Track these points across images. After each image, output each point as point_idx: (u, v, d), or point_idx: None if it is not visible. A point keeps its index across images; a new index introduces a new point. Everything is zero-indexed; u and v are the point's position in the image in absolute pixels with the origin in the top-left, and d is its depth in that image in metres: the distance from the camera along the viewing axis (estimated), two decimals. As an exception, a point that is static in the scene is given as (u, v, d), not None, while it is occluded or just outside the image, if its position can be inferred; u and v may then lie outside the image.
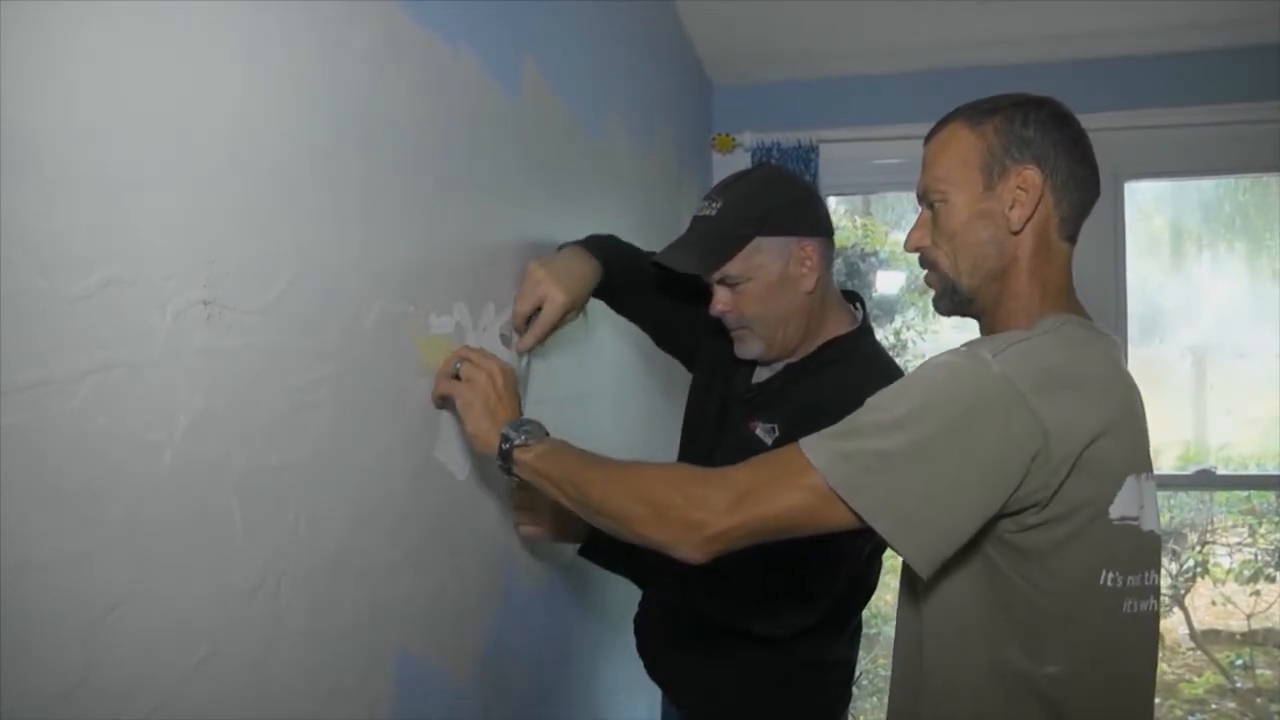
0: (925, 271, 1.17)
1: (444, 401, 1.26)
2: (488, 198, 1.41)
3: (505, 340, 1.48)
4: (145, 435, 0.77)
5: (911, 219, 1.18)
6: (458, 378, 1.24)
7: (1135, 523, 1.02)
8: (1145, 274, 4.57)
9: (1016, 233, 1.08)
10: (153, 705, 0.77)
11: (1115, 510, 1.00)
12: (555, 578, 1.71)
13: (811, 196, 1.55)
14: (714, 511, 1.02)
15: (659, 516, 1.05)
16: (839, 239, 4.68)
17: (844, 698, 1.65)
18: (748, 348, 1.52)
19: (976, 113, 1.11)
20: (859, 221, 4.71)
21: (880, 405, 1.02)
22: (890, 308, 4.68)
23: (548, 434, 1.21)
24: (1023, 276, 1.09)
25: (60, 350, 0.69)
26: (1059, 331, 1.03)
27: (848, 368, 1.48)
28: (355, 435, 1.06)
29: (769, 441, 1.48)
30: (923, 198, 1.14)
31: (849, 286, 1.89)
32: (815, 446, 1.01)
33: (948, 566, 1.00)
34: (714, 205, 1.47)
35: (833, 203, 3.85)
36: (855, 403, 1.39)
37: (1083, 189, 1.11)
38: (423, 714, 1.19)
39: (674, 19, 2.79)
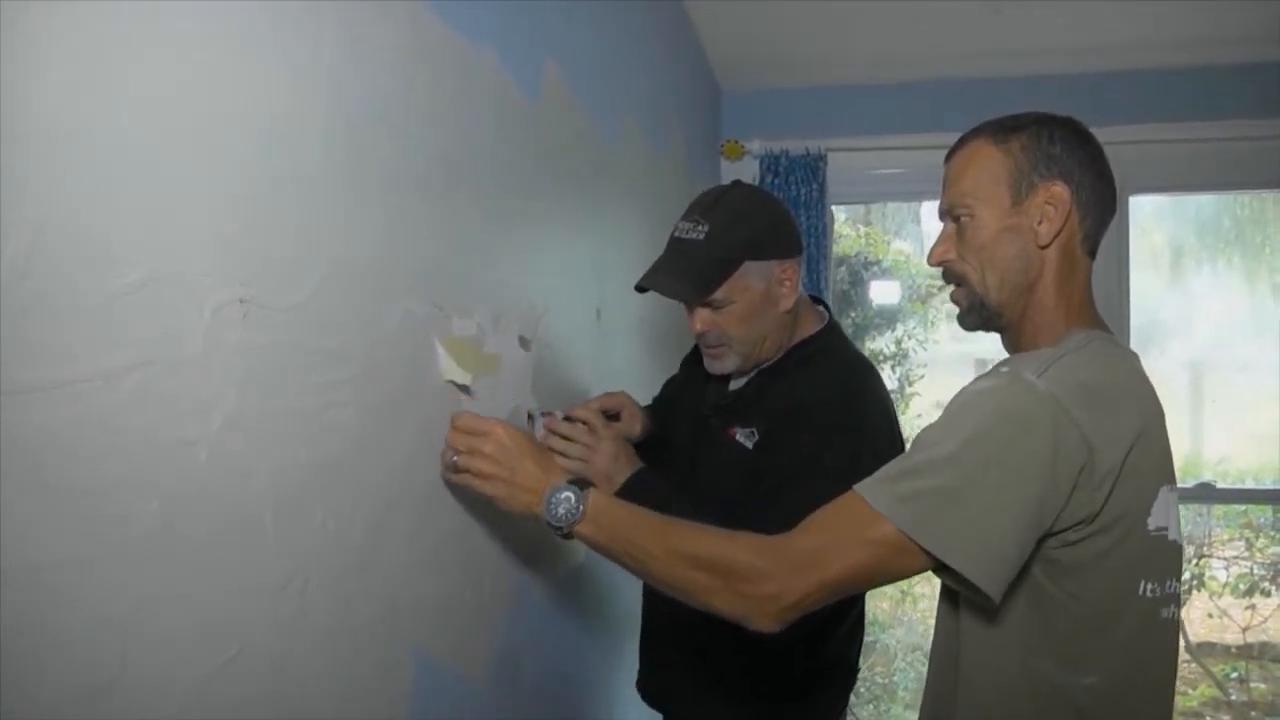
0: (951, 287, 1.17)
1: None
2: (508, 200, 1.41)
3: (523, 343, 1.48)
4: (182, 432, 0.77)
5: (910, 228, 1.19)
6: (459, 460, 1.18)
7: (1165, 533, 1.03)
8: (1143, 288, 4.59)
9: (1044, 247, 1.09)
10: (183, 702, 0.77)
11: (1152, 521, 1.01)
12: (567, 581, 1.71)
13: (788, 217, 1.58)
14: (785, 583, 1.01)
15: (730, 590, 1.04)
16: (843, 247, 4.71)
17: (843, 698, 1.66)
18: (724, 363, 1.55)
19: (1000, 130, 1.12)
20: (861, 230, 4.73)
21: (932, 441, 1.02)
22: (891, 316, 4.69)
23: (581, 489, 1.14)
24: (1049, 291, 1.10)
25: (103, 346, 0.69)
26: (1088, 348, 1.05)
27: (818, 365, 1.52)
28: (379, 435, 1.07)
29: (749, 445, 1.50)
30: (947, 213, 1.15)
31: (852, 294, 1.92)
32: (876, 493, 1.00)
33: None
34: (700, 229, 1.47)
35: (835, 212, 3.85)
36: (828, 397, 1.42)
37: (1104, 205, 1.12)
38: (439, 713, 1.19)
39: (686, 23, 2.80)
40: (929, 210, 5.82)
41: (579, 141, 1.76)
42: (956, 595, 1.09)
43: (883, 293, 4.72)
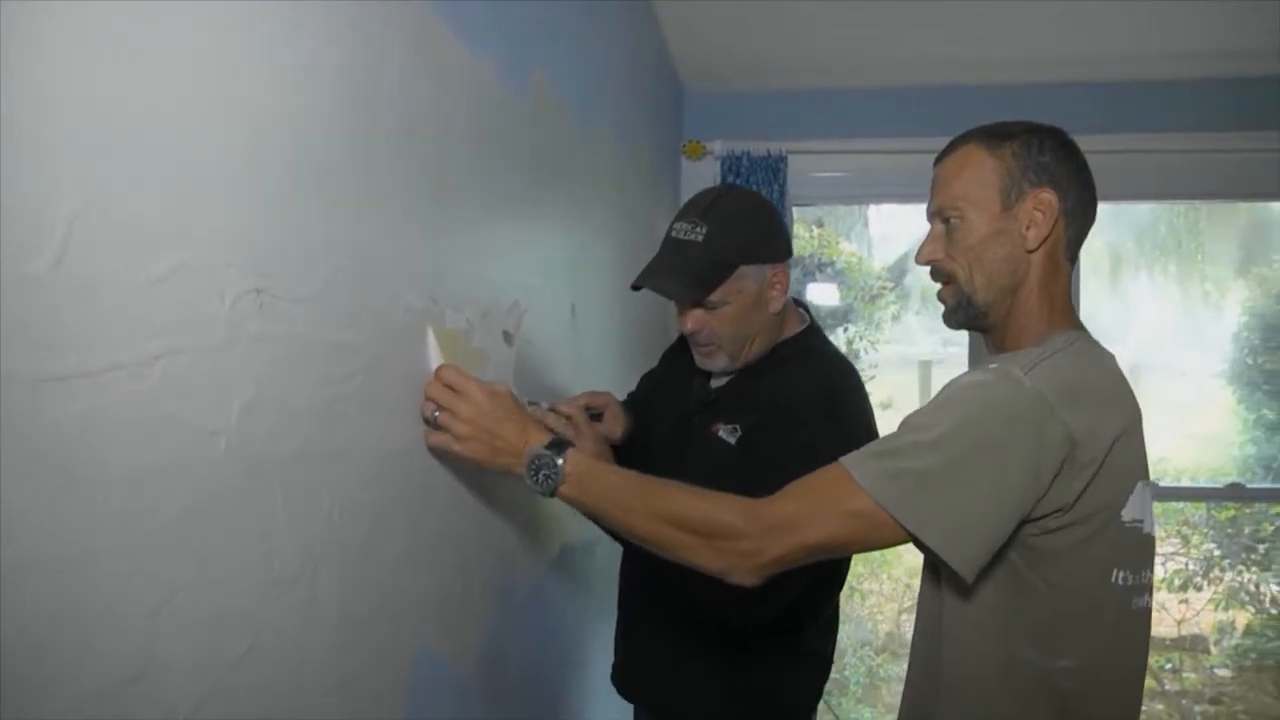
0: (939, 286, 1.21)
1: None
2: (498, 199, 1.42)
3: (507, 339, 1.48)
4: (205, 422, 0.76)
5: (859, 230, 1.23)
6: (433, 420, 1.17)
7: (1140, 525, 1.08)
8: (1085, 292, 4.75)
9: (1031, 251, 1.13)
10: (205, 694, 0.77)
11: (1127, 513, 1.06)
12: (547, 574, 1.73)
13: (780, 220, 1.62)
14: (764, 541, 1.06)
15: (709, 546, 1.08)
16: (797, 248, 4.78)
17: (817, 691, 1.69)
18: (713, 361, 1.58)
19: (991, 137, 1.16)
20: (815, 232, 4.80)
21: (920, 425, 1.06)
22: (843, 317, 4.78)
23: (563, 447, 1.17)
24: (1033, 293, 1.15)
25: (136, 334, 0.69)
26: (1073, 348, 1.09)
27: (801, 363, 1.56)
28: (381, 428, 1.07)
29: (732, 441, 1.53)
30: (936, 214, 1.19)
31: (804, 295, 1.96)
32: (860, 468, 1.04)
33: None
34: (698, 230, 1.49)
35: (795, 213, 3.91)
36: (811, 394, 1.46)
37: (1087, 213, 1.17)
38: (435, 704, 1.20)
39: (654, 25, 2.82)
40: (876, 213, 5.94)
41: (560, 143, 1.78)
42: (939, 572, 1.13)
43: (820, 295, 4.79)
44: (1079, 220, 1.16)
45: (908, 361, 6.00)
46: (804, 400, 1.49)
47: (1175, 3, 2.65)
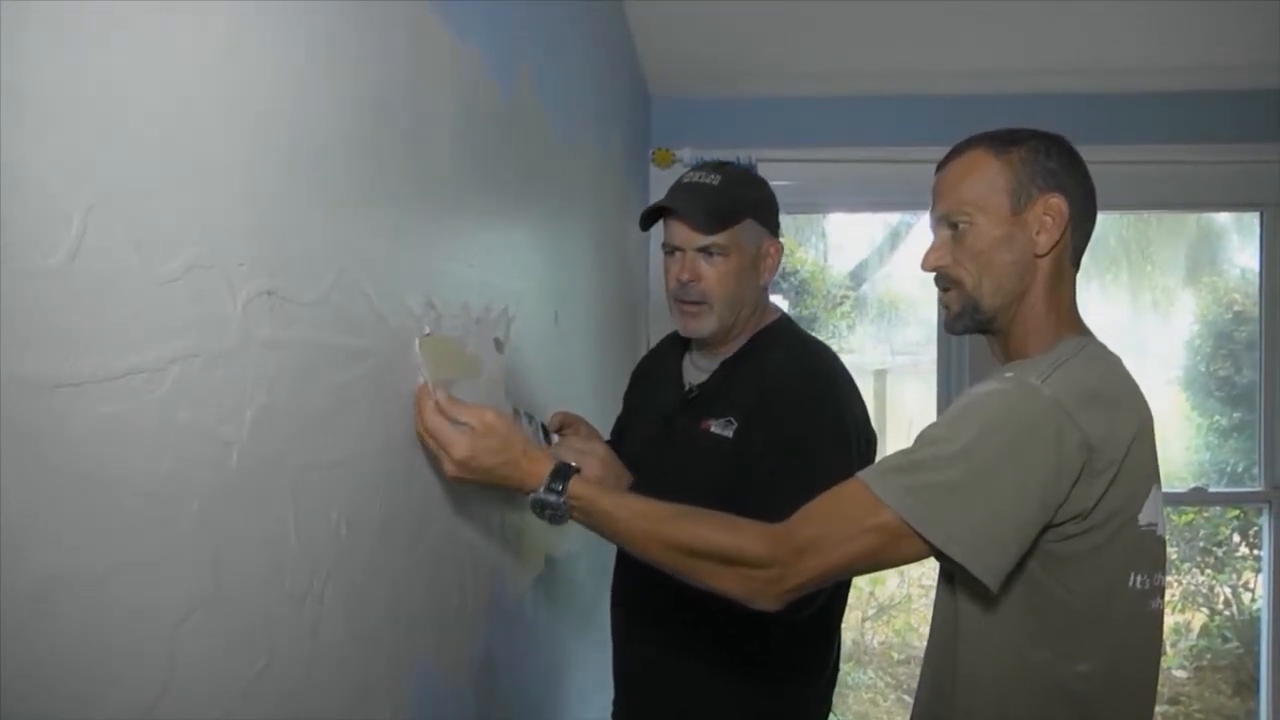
0: (942, 291, 1.20)
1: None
2: (490, 202, 1.40)
3: (498, 345, 1.45)
4: (218, 429, 0.72)
5: (814, 241, 1.24)
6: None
7: (1154, 528, 1.08)
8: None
9: (1040, 256, 1.13)
10: (221, 716, 0.72)
11: (1143, 517, 1.06)
12: (536, 584, 1.69)
13: (778, 207, 1.64)
14: (789, 567, 1.05)
15: (734, 572, 1.07)
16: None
17: (826, 701, 1.67)
18: (700, 324, 1.56)
19: (999, 142, 1.16)
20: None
21: (939, 438, 1.05)
22: (808, 326, 4.79)
23: (564, 477, 1.14)
24: (1040, 297, 1.15)
25: (150, 335, 0.65)
26: (1084, 353, 1.10)
27: (786, 348, 1.57)
28: (384, 436, 1.03)
29: (728, 434, 1.50)
30: (943, 219, 1.18)
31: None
32: (881, 483, 1.03)
33: None
34: (712, 177, 1.54)
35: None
36: (804, 380, 1.46)
37: (1089, 220, 1.18)
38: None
39: (625, 30, 2.81)
40: (830, 220, 5.97)
41: (545, 146, 1.76)
42: (954, 578, 1.12)
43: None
44: (1084, 226, 1.17)
45: (862, 371, 6.06)
46: (798, 386, 1.49)
47: (1125, 16, 2.71)
